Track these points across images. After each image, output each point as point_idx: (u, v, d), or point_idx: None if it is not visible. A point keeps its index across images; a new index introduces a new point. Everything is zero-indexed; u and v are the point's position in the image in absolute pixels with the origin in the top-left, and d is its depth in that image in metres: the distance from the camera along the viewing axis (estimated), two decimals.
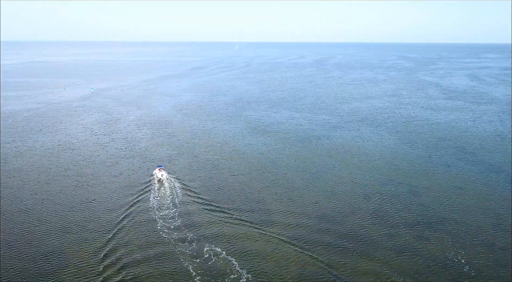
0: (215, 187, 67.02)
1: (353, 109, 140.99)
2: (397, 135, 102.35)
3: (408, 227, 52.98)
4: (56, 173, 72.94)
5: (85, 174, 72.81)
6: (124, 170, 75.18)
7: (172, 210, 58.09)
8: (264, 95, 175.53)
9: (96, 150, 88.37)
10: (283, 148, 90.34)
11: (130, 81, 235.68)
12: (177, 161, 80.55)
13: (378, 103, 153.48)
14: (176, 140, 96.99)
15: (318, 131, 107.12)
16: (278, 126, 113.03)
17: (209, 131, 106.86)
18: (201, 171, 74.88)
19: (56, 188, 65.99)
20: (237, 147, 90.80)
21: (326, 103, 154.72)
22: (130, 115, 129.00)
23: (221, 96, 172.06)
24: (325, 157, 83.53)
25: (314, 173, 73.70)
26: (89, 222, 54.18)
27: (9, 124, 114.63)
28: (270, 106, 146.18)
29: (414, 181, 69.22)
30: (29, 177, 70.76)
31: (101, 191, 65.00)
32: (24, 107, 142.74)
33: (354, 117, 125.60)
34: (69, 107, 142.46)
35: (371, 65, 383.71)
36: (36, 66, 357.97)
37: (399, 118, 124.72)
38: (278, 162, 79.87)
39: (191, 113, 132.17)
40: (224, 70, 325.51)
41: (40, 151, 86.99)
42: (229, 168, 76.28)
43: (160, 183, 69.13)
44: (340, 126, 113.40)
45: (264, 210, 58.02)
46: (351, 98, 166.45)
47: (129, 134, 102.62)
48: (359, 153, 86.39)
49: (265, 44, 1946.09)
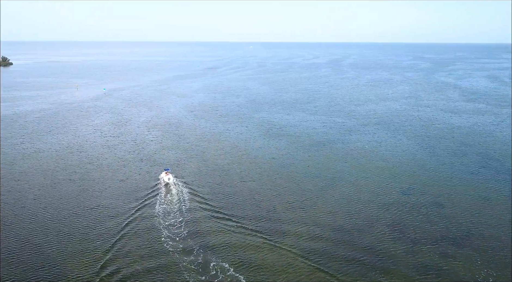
0: (224, 193, 63.93)
1: (369, 111, 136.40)
2: (416, 139, 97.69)
3: (431, 243, 48.90)
4: (62, 177, 70.86)
5: (91, 178, 70.54)
6: (131, 174, 72.70)
7: (178, 218, 55.18)
8: (277, 96, 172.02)
9: (104, 152, 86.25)
10: (296, 152, 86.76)
11: (143, 81, 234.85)
12: (186, 165, 77.75)
13: (394, 105, 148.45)
14: (186, 143, 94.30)
15: (333, 134, 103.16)
16: (291, 128, 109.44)
17: (220, 133, 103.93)
18: (210, 176, 71.89)
19: (60, 193, 63.79)
20: (248, 151, 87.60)
21: (340, 105, 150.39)
22: (141, 116, 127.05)
23: (234, 97, 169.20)
24: (340, 162, 79.64)
25: (328, 180, 69.95)
26: (91, 229, 51.64)
27: (20, 125, 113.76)
28: (283, 108, 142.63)
29: (436, 191, 64.86)
30: (34, 181, 68.81)
31: (106, 196, 62.54)
32: (36, 107, 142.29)
33: (370, 120, 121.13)
34: (80, 108, 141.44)
35: (387, 66, 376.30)
36: (50, 66, 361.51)
37: (418, 121, 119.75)
38: (291, 168, 76.35)
39: (202, 115, 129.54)
40: (237, 70, 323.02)
41: (48, 153, 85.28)
42: (239, 174, 73.09)
43: (167, 187, 66.54)
44: (356, 129, 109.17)
45: (275, 220, 54.66)
46: (367, 100, 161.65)
47: (138, 136, 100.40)
48: (376, 158, 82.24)
49: (274, 44, 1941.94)
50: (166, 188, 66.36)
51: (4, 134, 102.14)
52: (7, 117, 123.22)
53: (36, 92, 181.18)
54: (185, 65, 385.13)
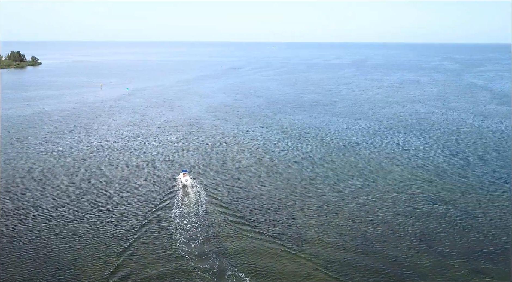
0: (242, 197, 62.19)
1: (394, 114, 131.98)
2: (444, 144, 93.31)
3: (461, 257, 45.63)
4: (81, 177, 70.82)
5: (109, 179, 70.19)
6: (149, 175, 71.99)
7: (194, 222, 53.81)
8: (299, 97, 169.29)
9: (124, 153, 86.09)
10: (318, 156, 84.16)
11: (166, 81, 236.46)
12: (205, 167, 76.47)
13: (421, 108, 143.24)
14: (205, 144, 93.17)
15: (356, 137, 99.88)
16: (313, 131, 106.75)
17: (240, 135, 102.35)
18: (228, 179, 70.31)
19: (78, 194, 63.56)
20: (268, 154, 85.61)
21: (364, 107, 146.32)
22: (162, 116, 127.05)
23: (255, 98, 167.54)
24: (364, 167, 76.58)
25: (351, 186, 67.14)
26: (105, 232, 50.87)
27: (45, 123, 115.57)
28: (304, 109, 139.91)
29: (467, 200, 61.10)
30: (54, 181, 68.98)
31: (123, 197, 61.87)
32: (61, 106, 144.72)
33: (395, 123, 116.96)
34: (103, 107, 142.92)
35: (413, 67, 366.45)
36: (77, 66, 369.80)
37: (446, 125, 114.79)
38: (312, 172, 73.89)
39: (223, 115, 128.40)
40: (259, 70, 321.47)
41: (69, 153, 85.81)
42: (258, 177, 71.21)
43: (184, 189, 65.59)
44: (380, 132, 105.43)
45: (294, 227, 52.51)
46: (392, 102, 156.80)
47: (159, 137, 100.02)
48: (402, 164, 78.71)
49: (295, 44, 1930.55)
50: (184, 190, 65.33)
51: (29, 133, 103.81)
52: (33, 116, 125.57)
53: (62, 91, 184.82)
54: (207, 65, 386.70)
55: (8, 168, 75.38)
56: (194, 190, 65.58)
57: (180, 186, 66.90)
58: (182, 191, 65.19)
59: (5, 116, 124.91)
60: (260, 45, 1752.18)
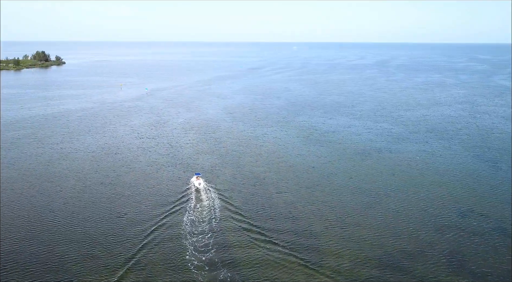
0: (257, 205, 59.14)
1: (420, 117, 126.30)
2: (474, 150, 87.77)
3: (497, 279, 41.23)
4: (94, 180, 69.27)
5: (122, 182, 68.37)
6: (162, 179, 69.84)
7: (205, 230, 51.17)
8: (320, 99, 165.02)
9: (139, 155, 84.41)
10: (338, 161, 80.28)
11: (185, 81, 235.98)
12: (220, 172, 73.81)
13: (448, 111, 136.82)
14: (222, 147, 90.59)
15: (379, 142, 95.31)
16: (334, 135, 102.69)
17: (258, 138, 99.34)
18: (244, 184, 67.39)
19: (90, 197, 61.87)
20: (286, 158, 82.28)
21: (387, 109, 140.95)
22: (179, 117, 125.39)
23: (274, 99, 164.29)
24: (387, 175, 72.29)
25: (373, 195, 63.11)
26: (114, 237, 48.74)
27: (62, 123, 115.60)
28: (325, 112, 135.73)
29: (502, 215, 56.19)
30: (66, 183, 67.63)
31: (134, 202, 59.79)
32: (80, 106, 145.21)
33: (420, 127, 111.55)
34: (121, 107, 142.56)
35: (438, 68, 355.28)
36: (99, 66, 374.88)
37: (476, 130, 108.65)
38: (332, 179, 70.15)
39: (241, 117, 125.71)
40: (279, 71, 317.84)
41: (84, 154, 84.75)
42: (275, 183, 68.00)
43: (197, 193, 63.57)
44: (405, 137, 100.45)
45: (312, 239, 49.09)
46: (417, 105, 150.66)
47: (174, 139, 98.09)
48: (429, 172, 74.00)
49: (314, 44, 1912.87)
50: (196, 194, 63.13)
51: (46, 133, 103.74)
52: (52, 116, 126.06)
53: (82, 91, 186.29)
54: (228, 66, 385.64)
55: (22, 169, 74.70)
56: (207, 195, 63.16)
57: (193, 190, 64.89)
58: (194, 195, 62.96)
59: (25, 116, 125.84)
60: (279, 45, 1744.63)
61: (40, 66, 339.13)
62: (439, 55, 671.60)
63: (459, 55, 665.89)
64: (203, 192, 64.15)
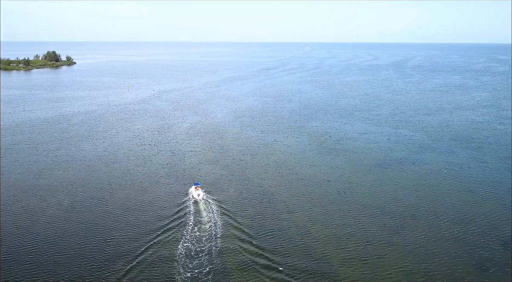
0: (265, 226, 52.01)
1: (442, 123, 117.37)
2: (507, 163, 78.96)
3: None
4: (85, 195, 62.90)
5: (116, 198, 61.83)
6: (160, 193, 63.16)
7: (202, 257, 44.52)
8: (334, 102, 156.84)
9: (138, 164, 77.96)
10: (356, 174, 72.51)
11: (194, 82, 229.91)
12: (224, 185, 66.77)
13: (473, 116, 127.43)
14: (228, 156, 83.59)
15: (400, 152, 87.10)
16: (349, 143, 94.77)
17: (267, 145, 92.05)
18: (250, 201, 60.23)
19: (77, 216, 55.41)
20: (298, 170, 74.85)
21: (406, 114, 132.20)
22: (185, 122, 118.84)
23: (286, 102, 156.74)
24: (412, 192, 64.27)
25: (398, 218, 55.25)
26: (100, 261, 42.07)
27: (63, 127, 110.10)
28: (339, 116, 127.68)
29: None
30: (54, 199, 61.34)
31: (126, 220, 53.24)
32: (83, 108, 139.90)
33: (443, 134, 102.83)
34: (126, 110, 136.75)
35: (456, 68, 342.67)
36: (109, 66, 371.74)
37: (505, 137, 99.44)
38: (349, 197, 62.46)
39: (250, 122, 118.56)
40: (292, 72, 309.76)
41: (79, 163, 78.65)
42: (285, 201, 60.62)
43: (196, 206, 58.41)
44: (428, 146, 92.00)
45: (327, 273, 41.73)
46: (438, 109, 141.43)
47: (178, 146, 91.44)
48: (459, 188, 65.73)
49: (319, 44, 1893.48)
50: (195, 207, 58.13)
51: (44, 138, 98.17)
52: (53, 119, 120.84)
53: (88, 92, 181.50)
54: (237, 66, 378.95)
55: (10, 180, 68.83)
56: (206, 208, 57.77)
57: (191, 202, 59.60)
58: (193, 208, 57.73)
59: (25, 119, 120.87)
60: (280, 45, 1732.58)
61: (50, 66, 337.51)
62: (456, 55, 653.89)
63: (478, 55, 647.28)
64: (202, 205, 58.80)
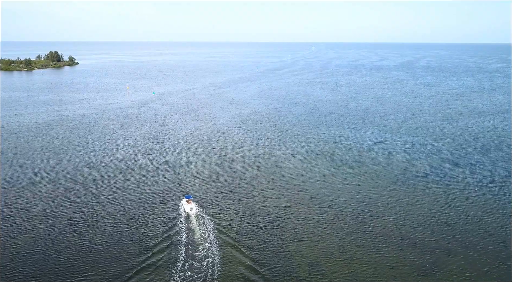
0: (271, 257, 43.85)
1: (462, 129, 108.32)
2: None
3: None
4: (64, 218, 55.05)
5: (98, 220, 53.93)
6: (150, 214, 55.16)
7: None
8: (343, 106, 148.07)
9: (129, 178, 70.07)
10: (373, 193, 63.98)
11: (198, 83, 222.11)
12: (224, 205, 58.58)
13: (495, 122, 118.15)
14: (229, 169, 75.43)
15: (421, 164, 78.36)
16: (363, 153, 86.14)
17: (272, 156, 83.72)
18: (254, 225, 52.07)
19: (54, 245, 47.48)
20: (307, 187, 66.49)
21: (422, 119, 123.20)
22: (184, 128, 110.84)
23: (292, 106, 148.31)
24: (443, 218, 55.59)
25: (429, 252, 46.64)
26: None
27: (54, 134, 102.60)
28: (350, 122, 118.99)
29: None
30: (28, 223, 53.57)
31: (108, 246, 45.14)
32: (78, 112, 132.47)
33: (467, 143, 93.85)
34: (122, 115, 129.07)
35: (468, 69, 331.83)
36: (113, 66, 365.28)
37: None
38: (368, 223, 53.95)
39: (255, 128, 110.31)
40: (298, 73, 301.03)
41: (64, 177, 70.94)
42: (294, 227, 52.26)
43: (188, 221, 52.78)
44: (451, 157, 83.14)
45: None
46: (455, 113, 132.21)
47: (174, 156, 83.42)
48: (495, 211, 56.93)
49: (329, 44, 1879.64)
50: (187, 222, 52.49)
51: (32, 146, 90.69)
52: (45, 124, 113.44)
53: (86, 94, 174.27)
54: (242, 67, 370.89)
55: None
56: (200, 225, 51.64)
57: (183, 217, 53.98)
58: (185, 224, 51.98)
59: (15, 124, 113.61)
60: (280, 45, 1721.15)
61: (52, 67, 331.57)
62: (465, 55, 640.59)
63: (488, 55, 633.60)
64: (196, 221, 52.86)
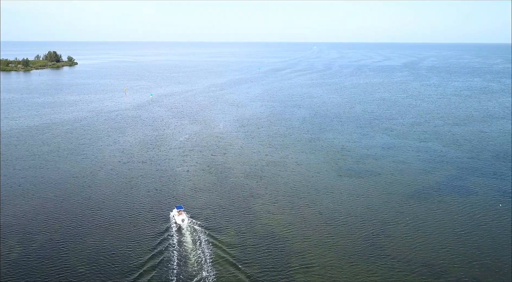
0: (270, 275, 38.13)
1: (476, 134, 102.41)
2: None
3: None
4: (47, 235, 49.55)
5: (83, 241, 48.31)
6: (142, 231, 49.54)
7: None
8: (348, 108, 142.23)
9: (119, 190, 64.55)
10: (386, 208, 58.22)
11: (198, 85, 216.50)
12: (222, 221, 52.97)
13: (509, 126, 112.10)
14: (229, 179, 69.79)
15: (436, 175, 72.51)
16: (372, 161, 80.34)
17: (275, 164, 78.03)
18: (254, 249, 46.45)
19: (33, 264, 41.92)
20: (313, 200, 60.78)
21: (432, 123, 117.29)
22: (181, 133, 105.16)
23: (295, 108, 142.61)
24: (467, 239, 49.80)
25: (447, 275, 40.88)
26: None
27: (45, 139, 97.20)
28: (357, 126, 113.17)
29: None
30: (8, 241, 47.98)
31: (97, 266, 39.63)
32: (72, 116, 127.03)
33: (483, 150, 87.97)
34: (118, 118, 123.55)
35: (474, 70, 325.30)
36: (113, 67, 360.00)
37: None
38: (384, 244, 48.21)
39: (256, 133, 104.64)
40: (301, 73, 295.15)
41: (50, 187, 65.52)
42: (300, 250, 46.62)
43: (180, 235, 48.58)
44: (468, 166, 77.30)
45: None
46: (466, 117, 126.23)
47: (170, 164, 77.83)
48: None
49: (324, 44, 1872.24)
50: (179, 236, 48.42)
51: (19, 153, 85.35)
52: (37, 128, 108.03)
53: (82, 96, 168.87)
54: (243, 67, 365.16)
55: None
56: (194, 243, 46.81)
57: (174, 230, 49.92)
58: (176, 238, 47.81)
59: (5, 128, 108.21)
60: (280, 45, 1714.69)
61: (51, 67, 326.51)
62: (469, 55, 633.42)
63: (493, 56, 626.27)
64: (188, 233, 48.93)
